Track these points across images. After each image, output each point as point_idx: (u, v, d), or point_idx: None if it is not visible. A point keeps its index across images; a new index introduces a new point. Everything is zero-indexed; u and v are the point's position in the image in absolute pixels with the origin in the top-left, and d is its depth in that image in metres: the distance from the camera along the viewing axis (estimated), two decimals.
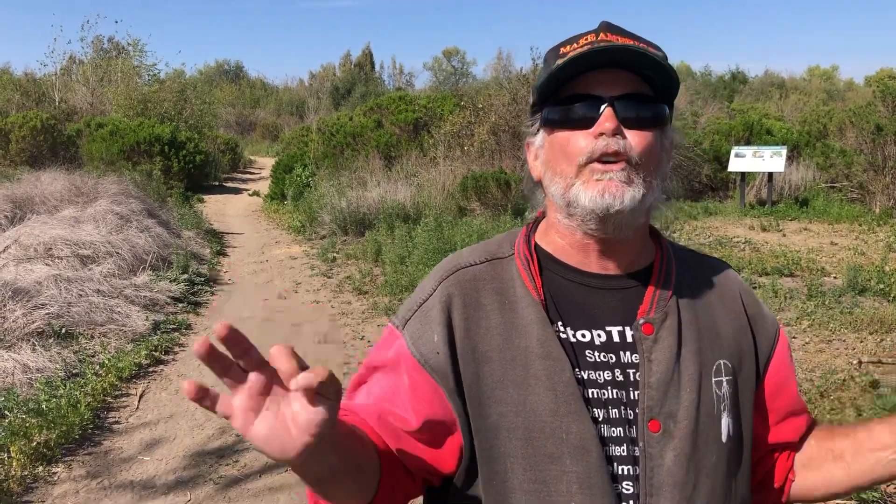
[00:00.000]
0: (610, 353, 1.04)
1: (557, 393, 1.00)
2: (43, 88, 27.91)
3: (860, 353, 5.58)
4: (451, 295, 1.07)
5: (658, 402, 1.02)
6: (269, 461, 4.09)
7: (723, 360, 1.08)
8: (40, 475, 3.98)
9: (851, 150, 14.27)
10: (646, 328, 1.05)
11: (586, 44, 1.01)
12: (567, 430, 1.00)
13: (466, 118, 15.18)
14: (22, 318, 5.88)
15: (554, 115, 1.05)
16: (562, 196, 1.03)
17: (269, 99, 48.08)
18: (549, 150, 1.07)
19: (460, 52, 58.61)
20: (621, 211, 0.99)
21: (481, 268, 1.11)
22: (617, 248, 1.07)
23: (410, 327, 1.08)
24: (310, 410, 0.78)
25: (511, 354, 1.03)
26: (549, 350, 1.02)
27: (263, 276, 9.39)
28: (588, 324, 1.06)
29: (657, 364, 1.03)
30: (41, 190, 10.69)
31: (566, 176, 1.03)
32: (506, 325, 1.05)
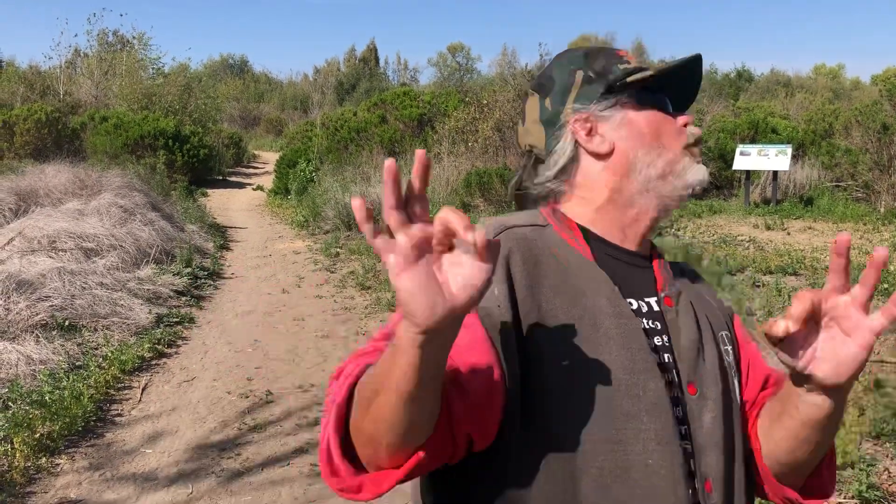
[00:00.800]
0: (656, 321, 1.08)
1: (633, 350, 1.01)
2: (48, 81, 27.93)
3: None
4: (510, 250, 1.03)
5: (692, 368, 1.06)
6: (271, 454, 4.10)
7: (724, 332, 1.15)
8: (43, 466, 3.99)
9: (857, 150, 14.23)
10: (667, 301, 1.10)
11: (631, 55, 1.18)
12: (644, 387, 1.00)
13: (471, 114, 15.17)
14: (26, 310, 5.89)
15: (649, 97, 1.14)
16: (667, 165, 1.11)
17: (273, 94, 48.08)
18: (644, 126, 1.12)
19: (465, 48, 58.51)
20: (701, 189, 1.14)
21: (528, 230, 1.09)
22: (647, 232, 1.15)
23: None
24: (468, 273, 0.74)
25: (578, 313, 1.01)
26: (620, 309, 1.03)
27: (267, 270, 9.40)
28: (633, 294, 1.08)
29: (684, 331, 1.08)
30: (45, 183, 10.71)
31: (674, 149, 1.12)
32: (567, 284, 1.03)
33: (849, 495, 3.50)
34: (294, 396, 5.03)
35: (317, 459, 4.05)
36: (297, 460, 4.08)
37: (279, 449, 4.22)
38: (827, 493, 1.15)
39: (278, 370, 5.57)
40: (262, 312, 7.28)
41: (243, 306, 7.54)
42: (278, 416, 4.68)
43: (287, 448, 4.22)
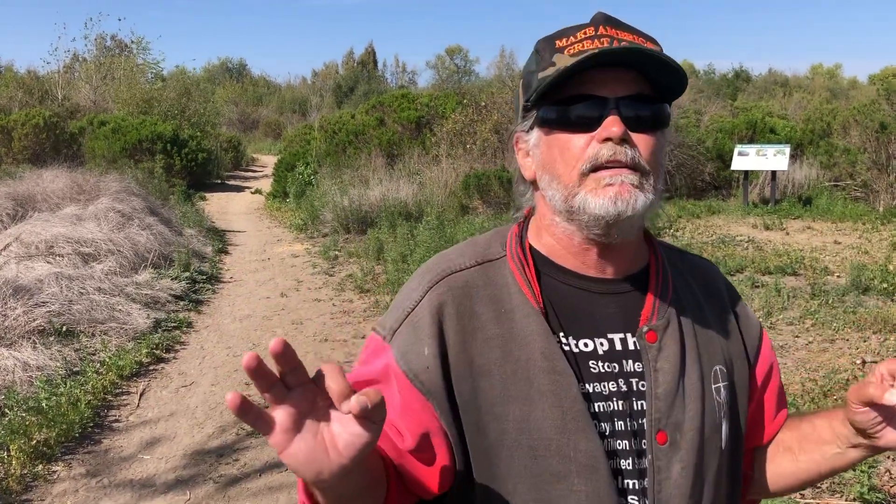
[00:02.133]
0: (613, 363, 0.99)
1: (564, 409, 0.95)
2: (46, 86, 27.91)
3: (863, 352, 5.55)
4: (442, 304, 0.99)
5: (665, 414, 0.98)
6: (269, 460, 4.08)
7: (719, 366, 1.05)
8: (40, 473, 3.97)
9: (855, 149, 14.22)
10: (649, 336, 1.00)
11: (585, 38, 0.95)
12: (575, 447, 0.94)
13: (469, 116, 15.15)
14: (23, 316, 5.87)
15: (552, 114, 0.98)
16: (563, 202, 0.98)
17: (271, 97, 48.05)
18: (547, 152, 1.00)
19: (463, 51, 58.51)
20: (632, 217, 0.94)
21: (473, 272, 1.03)
22: (616, 252, 1.02)
23: (398, 340, 1.00)
24: (353, 433, 0.75)
25: (512, 368, 0.96)
26: (553, 364, 0.96)
27: (265, 273, 9.38)
28: (590, 332, 1.00)
29: (663, 374, 0.99)
30: (43, 188, 10.69)
31: (567, 183, 0.97)
32: (504, 336, 0.98)
33: (850, 497, 3.48)
34: None
35: None
36: None
37: (277, 455, 4.19)
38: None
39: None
40: (261, 316, 7.26)
41: (242, 310, 7.52)
42: None
43: None
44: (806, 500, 3.51)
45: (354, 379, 1.03)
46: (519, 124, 1.06)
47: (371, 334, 1.06)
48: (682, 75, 0.95)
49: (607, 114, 0.94)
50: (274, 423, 0.75)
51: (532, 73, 1.00)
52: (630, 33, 0.97)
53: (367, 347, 1.05)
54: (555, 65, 0.95)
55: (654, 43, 0.99)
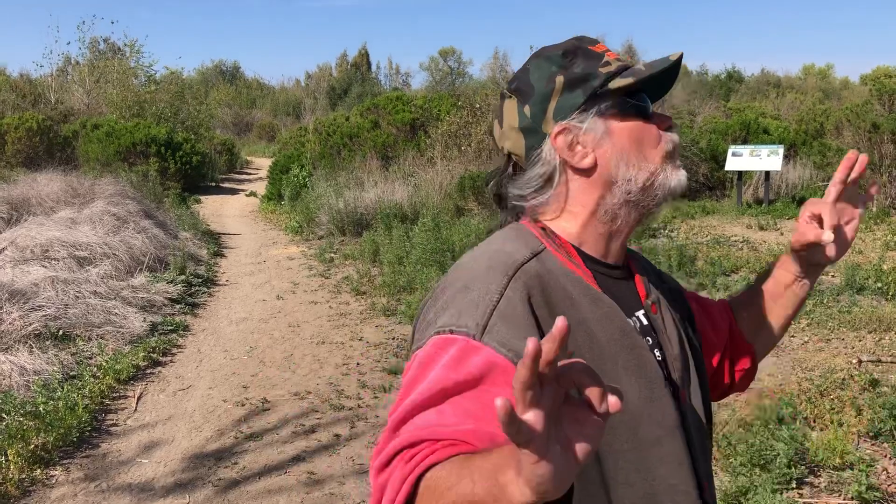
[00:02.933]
0: (647, 336, 1.10)
1: (650, 379, 1.04)
2: (39, 89, 27.84)
3: (859, 351, 5.58)
4: (529, 292, 1.01)
5: (681, 375, 1.11)
6: (268, 463, 4.08)
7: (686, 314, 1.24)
8: (38, 478, 3.96)
9: (848, 149, 14.27)
10: (653, 309, 1.14)
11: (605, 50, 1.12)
12: (663, 412, 1.04)
13: (464, 118, 15.17)
14: (19, 321, 5.86)
15: (631, 104, 1.10)
16: (648, 178, 1.09)
17: (265, 99, 47.96)
18: (627, 138, 1.09)
19: (457, 52, 58.53)
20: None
21: (534, 263, 1.06)
22: (624, 243, 1.15)
23: (494, 334, 0.96)
24: (590, 435, 0.69)
25: (599, 350, 1.02)
26: (633, 339, 1.05)
27: (261, 276, 9.37)
28: (628, 311, 1.09)
29: (669, 336, 1.13)
30: (37, 191, 10.66)
31: (655, 161, 1.09)
32: (581, 321, 1.03)
33: (848, 496, 3.50)
34: (290, 404, 5.00)
35: (314, 467, 4.03)
36: (295, 469, 4.05)
37: (276, 457, 4.19)
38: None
39: (274, 377, 5.54)
40: (258, 319, 7.25)
41: (238, 313, 7.51)
42: (275, 424, 4.66)
43: (284, 456, 4.20)
44: (805, 499, 3.53)
45: (443, 386, 0.93)
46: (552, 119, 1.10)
47: (444, 337, 0.98)
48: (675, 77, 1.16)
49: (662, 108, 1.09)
50: (535, 429, 0.65)
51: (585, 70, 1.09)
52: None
53: (446, 350, 0.96)
54: (609, 64, 1.09)
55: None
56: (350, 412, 4.84)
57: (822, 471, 3.76)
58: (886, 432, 4.08)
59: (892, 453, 3.92)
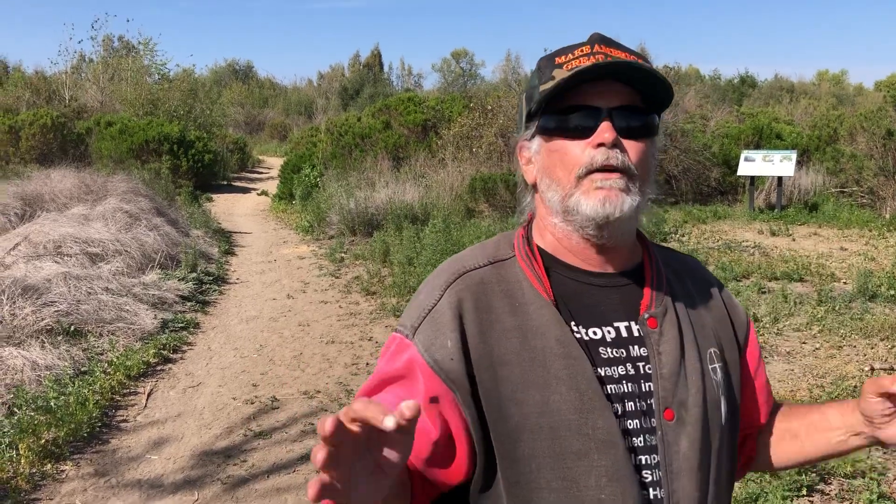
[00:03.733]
0: (620, 349, 1.07)
1: (581, 391, 1.02)
2: (53, 86, 28.04)
3: (871, 359, 5.54)
4: (461, 299, 1.07)
5: (671, 392, 1.06)
6: (277, 461, 4.09)
7: (713, 349, 1.14)
8: (48, 473, 3.98)
9: (862, 155, 14.19)
10: (650, 322, 1.09)
11: (582, 55, 1.05)
12: (593, 425, 1.01)
13: (475, 120, 15.17)
14: (31, 316, 5.89)
15: (552, 123, 1.07)
16: (560, 202, 1.07)
17: (277, 99, 48.14)
18: (547, 158, 1.09)
19: (469, 54, 58.59)
20: (620, 218, 1.03)
21: (486, 270, 1.11)
22: (612, 249, 1.11)
23: (421, 334, 1.07)
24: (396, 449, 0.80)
25: (529, 356, 1.03)
26: (568, 349, 1.03)
27: (272, 275, 9.39)
28: (597, 321, 1.08)
29: (666, 355, 1.08)
30: (51, 187, 10.74)
31: (564, 185, 1.06)
32: (520, 327, 1.05)
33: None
34: (299, 402, 5.01)
35: None
36: (303, 467, 4.06)
37: (285, 456, 4.20)
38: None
39: (284, 376, 5.56)
40: (268, 318, 7.27)
41: (248, 311, 7.53)
42: (284, 423, 4.67)
43: (293, 455, 4.21)
44: None
45: (380, 377, 1.08)
46: (522, 134, 1.15)
47: (392, 335, 1.12)
48: (667, 87, 1.05)
49: (600, 122, 1.03)
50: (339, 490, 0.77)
51: (534, 88, 1.09)
52: (622, 51, 1.06)
53: (389, 347, 1.11)
54: (554, 78, 1.04)
55: (645, 61, 1.07)
56: None
57: (832, 478, 3.73)
58: None
59: None
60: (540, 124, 1.09)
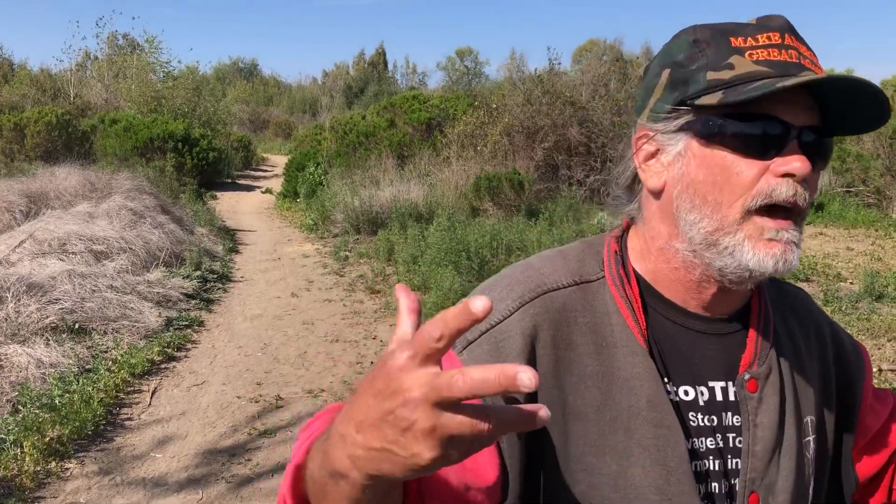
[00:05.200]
0: (712, 415, 0.89)
1: (669, 469, 0.84)
2: (58, 84, 28.09)
3: (879, 360, 5.51)
4: (537, 326, 0.86)
5: (760, 474, 0.88)
6: (281, 461, 4.08)
7: (810, 417, 0.95)
8: (53, 471, 3.98)
9: (868, 155, 14.14)
10: (750, 385, 0.89)
11: (770, 45, 0.82)
12: None
13: (480, 118, 15.14)
14: (36, 313, 5.89)
15: (720, 127, 0.82)
16: (708, 234, 0.83)
17: (282, 97, 48.22)
18: (701, 169, 0.84)
19: (473, 52, 58.58)
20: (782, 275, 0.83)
21: (570, 293, 0.89)
22: (732, 294, 0.89)
23: (475, 353, 0.86)
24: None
25: (612, 414, 0.85)
26: (661, 416, 0.85)
27: (276, 273, 9.39)
28: (691, 378, 0.89)
29: (763, 429, 0.88)
30: (56, 185, 10.74)
31: (723, 214, 0.82)
32: (605, 374, 0.86)
33: None
34: (304, 401, 5.01)
35: None
36: None
37: (289, 455, 4.18)
38: None
39: (288, 374, 5.55)
40: (272, 316, 7.26)
41: (253, 310, 7.53)
42: (288, 421, 4.66)
43: None
44: None
45: None
46: (650, 119, 0.89)
47: None
48: (885, 110, 0.81)
49: (789, 142, 0.80)
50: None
51: (693, 70, 0.84)
52: (809, 49, 0.84)
53: None
54: (733, 68, 0.81)
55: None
56: None
57: None
58: None
59: None
60: (699, 121, 0.83)
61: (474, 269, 7.73)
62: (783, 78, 0.78)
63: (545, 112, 13.80)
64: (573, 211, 10.98)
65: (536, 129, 13.79)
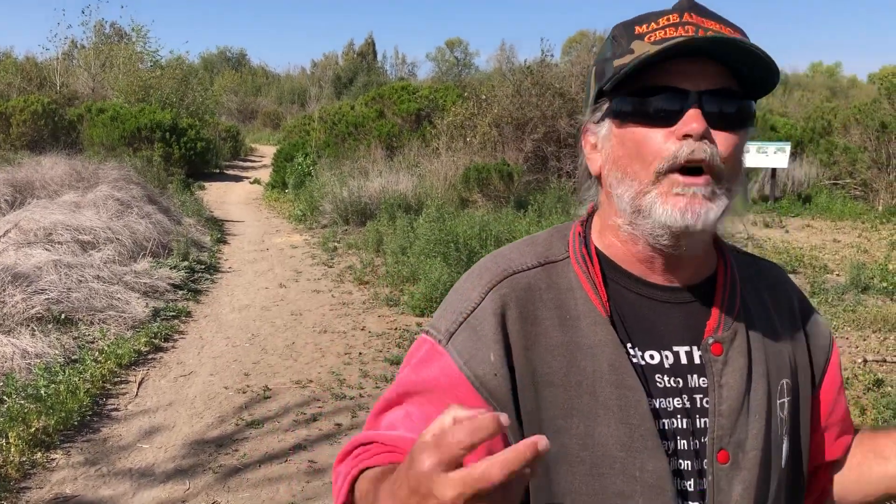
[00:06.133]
0: (678, 377, 0.94)
1: (632, 426, 0.89)
2: (44, 73, 27.82)
3: (864, 351, 5.55)
4: (505, 305, 0.93)
5: (728, 432, 0.93)
6: (269, 451, 4.08)
7: (785, 380, 1.00)
8: (38, 461, 3.95)
9: (856, 148, 14.23)
10: (715, 348, 0.95)
11: (668, 25, 0.88)
12: (642, 467, 0.89)
13: (469, 109, 15.11)
14: (21, 303, 5.85)
15: (628, 105, 0.91)
16: (631, 201, 0.91)
17: (270, 87, 47.94)
18: (619, 146, 0.93)
19: (463, 43, 58.45)
20: (702, 230, 0.88)
21: (535, 273, 0.97)
22: (683, 261, 0.95)
23: (458, 342, 0.93)
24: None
25: (577, 379, 0.91)
26: (622, 377, 0.90)
27: (264, 264, 9.36)
28: (656, 343, 0.95)
29: (728, 389, 0.94)
30: (42, 174, 10.65)
31: (640, 180, 0.90)
32: (569, 344, 0.92)
33: None
34: (292, 392, 5.00)
35: (315, 455, 4.02)
36: (295, 457, 4.05)
37: (277, 445, 4.19)
38: None
39: (276, 365, 5.53)
40: (260, 307, 7.24)
41: (241, 300, 7.50)
42: (276, 412, 4.65)
43: (285, 444, 4.19)
44: None
45: (405, 387, 0.94)
46: (588, 115, 0.98)
47: (421, 337, 0.99)
48: (773, 69, 0.87)
49: (688, 108, 0.87)
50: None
51: (607, 61, 0.93)
52: (717, 22, 0.89)
53: (418, 350, 0.98)
54: (633, 52, 0.89)
55: (742, 33, 0.91)
56: (352, 401, 4.82)
57: None
58: None
59: None
60: (612, 106, 0.93)
61: (463, 260, 7.73)
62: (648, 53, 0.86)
63: (535, 103, 13.79)
64: (562, 202, 10.99)
65: (526, 121, 13.78)
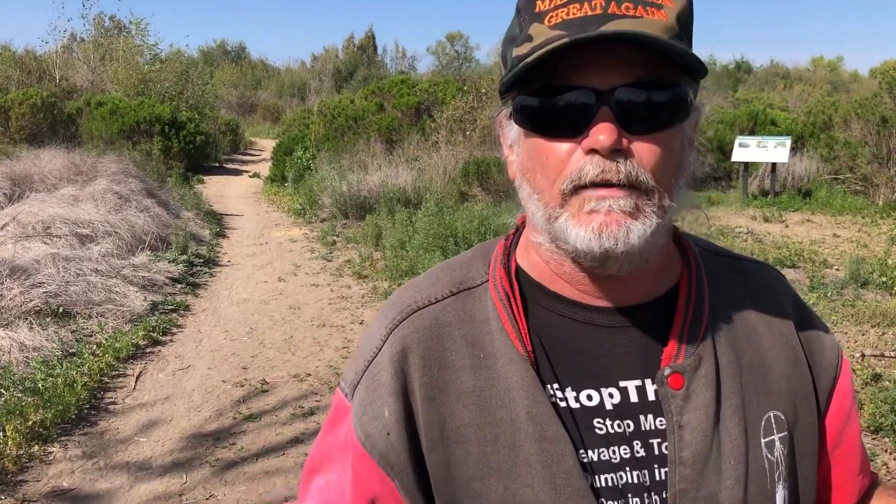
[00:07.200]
0: (626, 420, 0.77)
1: (557, 487, 0.74)
2: (44, 66, 27.73)
3: (862, 346, 5.54)
4: (405, 350, 0.79)
5: (694, 484, 0.75)
6: (266, 445, 4.07)
7: (773, 412, 0.80)
8: (36, 454, 3.95)
9: (856, 142, 14.19)
10: (673, 380, 0.77)
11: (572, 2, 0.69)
12: None
13: (469, 103, 15.07)
14: (19, 297, 5.84)
15: (529, 109, 0.73)
16: (544, 222, 0.74)
17: (270, 80, 47.81)
18: (526, 156, 0.76)
19: (464, 37, 58.30)
20: (627, 252, 0.71)
21: (445, 305, 0.81)
22: (623, 279, 0.78)
23: (357, 398, 0.81)
24: None
25: (493, 432, 0.76)
26: (542, 428, 0.75)
27: (263, 258, 9.35)
28: (595, 380, 0.78)
29: (691, 431, 0.76)
30: (40, 168, 10.64)
31: (548, 201, 0.73)
32: (482, 389, 0.77)
33: None
34: (289, 385, 4.99)
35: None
36: (293, 451, 4.04)
37: (274, 439, 4.18)
38: None
39: (274, 359, 5.53)
40: (258, 300, 7.23)
41: (239, 294, 7.49)
42: (273, 406, 4.65)
43: (282, 438, 4.19)
44: None
45: (322, 451, 0.86)
46: (501, 107, 0.81)
47: (337, 389, 0.86)
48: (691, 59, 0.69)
49: (595, 113, 0.69)
50: None
51: (510, 44, 0.75)
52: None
53: (332, 407, 0.87)
54: (531, 40, 0.70)
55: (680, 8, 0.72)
56: None
57: None
58: (888, 427, 4.06)
59: (893, 448, 3.90)
60: (515, 104, 0.75)
61: None
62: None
63: None
64: None
65: None
